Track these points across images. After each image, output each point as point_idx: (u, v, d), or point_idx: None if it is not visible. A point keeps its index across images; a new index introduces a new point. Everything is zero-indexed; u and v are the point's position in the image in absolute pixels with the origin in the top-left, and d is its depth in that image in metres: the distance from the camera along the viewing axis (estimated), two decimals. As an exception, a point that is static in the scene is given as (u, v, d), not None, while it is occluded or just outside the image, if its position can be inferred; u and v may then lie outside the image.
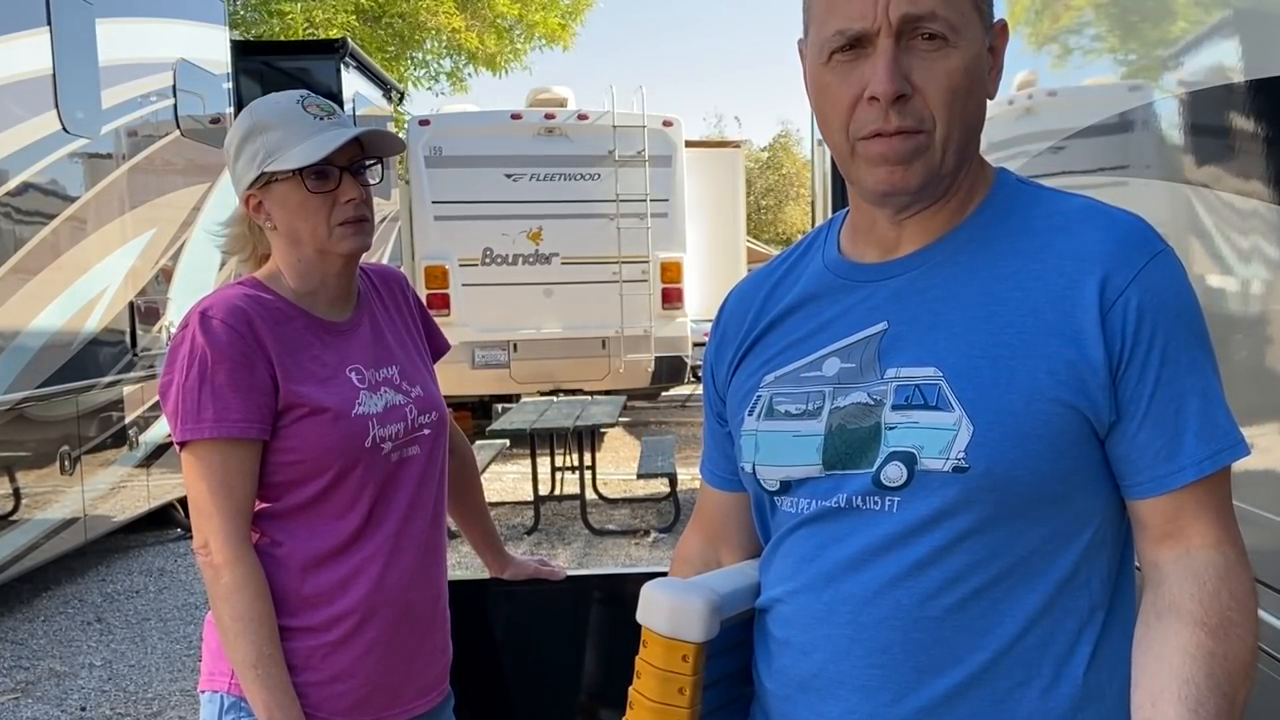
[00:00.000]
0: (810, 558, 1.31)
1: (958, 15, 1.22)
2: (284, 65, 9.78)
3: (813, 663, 1.30)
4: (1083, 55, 3.15)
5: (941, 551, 1.22)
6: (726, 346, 1.47)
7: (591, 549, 7.82)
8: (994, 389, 1.21)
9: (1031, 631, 1.23)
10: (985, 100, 1.30)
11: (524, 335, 11.57)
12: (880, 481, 1.24)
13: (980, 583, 1.22)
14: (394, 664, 1.96)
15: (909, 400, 1.24)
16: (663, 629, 1.31)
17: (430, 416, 2.03)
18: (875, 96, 1.21)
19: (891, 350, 1.28)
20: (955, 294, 1.28)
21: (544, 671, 2.47)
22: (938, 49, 1.22)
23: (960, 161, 1.28)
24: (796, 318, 1.38)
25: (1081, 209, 1.30)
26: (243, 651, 1.81)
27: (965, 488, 1.20)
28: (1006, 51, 1.34)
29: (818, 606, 1.29)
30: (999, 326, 1.24)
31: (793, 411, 1.32)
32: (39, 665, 5.61)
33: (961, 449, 1.20)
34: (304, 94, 1.96)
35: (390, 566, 1.94)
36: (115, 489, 7.09)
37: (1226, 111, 2.24)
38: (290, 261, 1.95)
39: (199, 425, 1.82)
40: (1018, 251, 1.27)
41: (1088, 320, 1.21)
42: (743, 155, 15.14)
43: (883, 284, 1.32)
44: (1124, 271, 1.22)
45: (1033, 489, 1.21)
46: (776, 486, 1.35)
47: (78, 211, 6.56)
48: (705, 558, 1.56)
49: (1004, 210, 1.32)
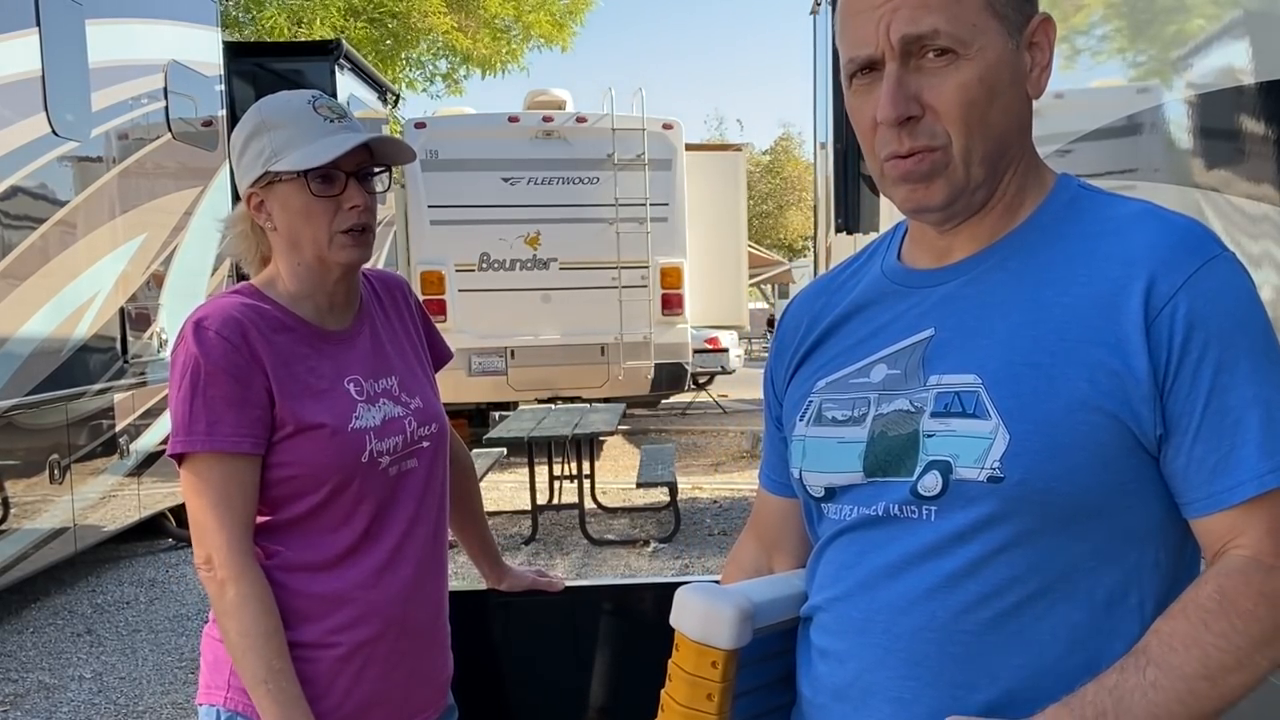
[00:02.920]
0: (850, 565, 1.31)
1: (965, 27, 1.21)
2: (277, 67, 9.76)
3: (848, 671, 1.30)
4: (1091, 57, 3.15)
5: (978, 564, 1.21)
6: (784, 352, 1.48)
7: (590, 559, 7.81)
8: (1033, 397, 1.19)
9: (1075, 653, 1.20)
10: (1018, 103, 1.28)
11: (522, 342, 11.59)
12: (918, 491, 1.23)
13: (1018, 598, 1.20)
14: (395, 678, 1.94)
15: (948, 408, 1.23)
16: (694, 634, 1.33)
17: (430, 428, 2.01)
18: (881, 121, 1.23)
19: (935, 357, 1.27)
20: (1002, 300, 1.26)
21: (542, 684, 2.46)
22: (948, 63, 1.22)
23: (991, 171, 1.27)
24: (852, 324, 1.39)
25: (1136, 213, 1.27)
26: (252, 667, 1.79)
27: (1001, 499, 1.18)
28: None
29: (855, 615, 1.29)
30: (1042, 333, 1.21)
31: (839, 418, 1.33)
32: (28, 677, 5.58)
33: (997, 459, 1.18)
34: (315, 94, 1.92)
35: (389, 580, 1.92)
36: (106, 498, 7.07)
37: (1237, 114, 2.22)
38: (289, 265, 1.93)
39: (190, 438, 1.80)
40: (1068, 257, 1.25)
41: (1131, 329, 1.18)
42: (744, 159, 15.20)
43: (933, 290, 1.32)
44: (1172, 277, 1.18)
45: (1071, 502, 1.18)
46: (821, 493, 1.35)
47: (67, 216, 6.53)
48: (757, 563, 1.57)
49: (1058, 215, 1.30)
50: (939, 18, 1.20)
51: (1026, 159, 1.31)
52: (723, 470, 11.16)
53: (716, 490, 10.04)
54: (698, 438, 13.61)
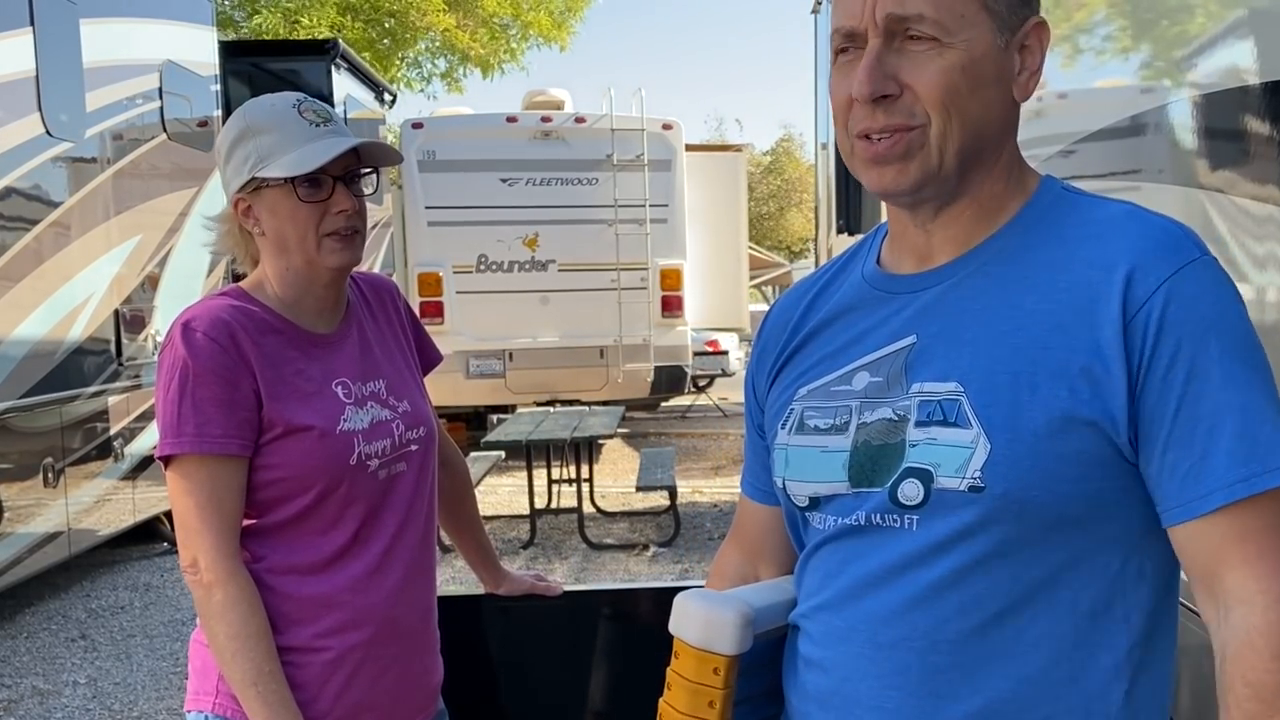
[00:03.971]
0: (834, 574, 1.31)
1: (951, 16, 1.20)
2: (273, 67, 9.78)
3: (831, 680, 1.30)
4: (1094, 56, 3.11)
5: (960, 573, 1.20)
6: (766, 358, 1.47)
7: (589, 564, 7.79)
8: (1014, 406, 1.18)
9: (1059, 665, 1.20)
10: (1002, 103, 1.26)
11: (520, 344, 11.56)
12: (897, 499, 1.23)
13: (1000, 607, 1.20)
14: (384, 683, 1.94)
15: (930, 416, 1.22)
16: (695, 640, 1.32)
17: (418, 433, 2.01)
18: (855, 97, 1.22)
19: (918, 364, 1.26)
20: (983, 307, 1.25)
21: (541, 691, 2.45)
22: (928, 49, 1.20)
23: (965, 163, 1.24)
24: (832, 330, 1.38)
25: (1117, 215, 1.25)
26: (241, 670, 1.79)
27: (982, 508, 1.18)
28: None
29: (839, 624, 1.29)
30: (1024, 341, 1.20)
31: (821, 426, 1.32)
32: (21, 683, 5.58)
33: (978, 468, 1.18)
34: (300, 97, 1.92)
35: (378, 584, 1.92)
36: (100, 502, 7.06)
37: (1242, 115, 2.18)
38: (278, 269, 1.93)
39: (179, 440, 1.80)
40: (1049, 262, 1.24)
41: (1110, 333, 1.17)
42: (744, 159, 15.21)
43: (915, 295, 1.31)
44: (1149, 280, 1.17)
45: (1053, 511, 1.18)
46: (806, 502, 1.35)
47: (61, 217, 6.51)
48: (743, 572, 1.56)
49: (1039, 219, 1.28)
50: (926, 3, 1.19)
51: (1007, 162, 1.29)
52: (723, 474, 11.12)
53: (717, 494, 10.01)
54: (698, 441, 13.58)
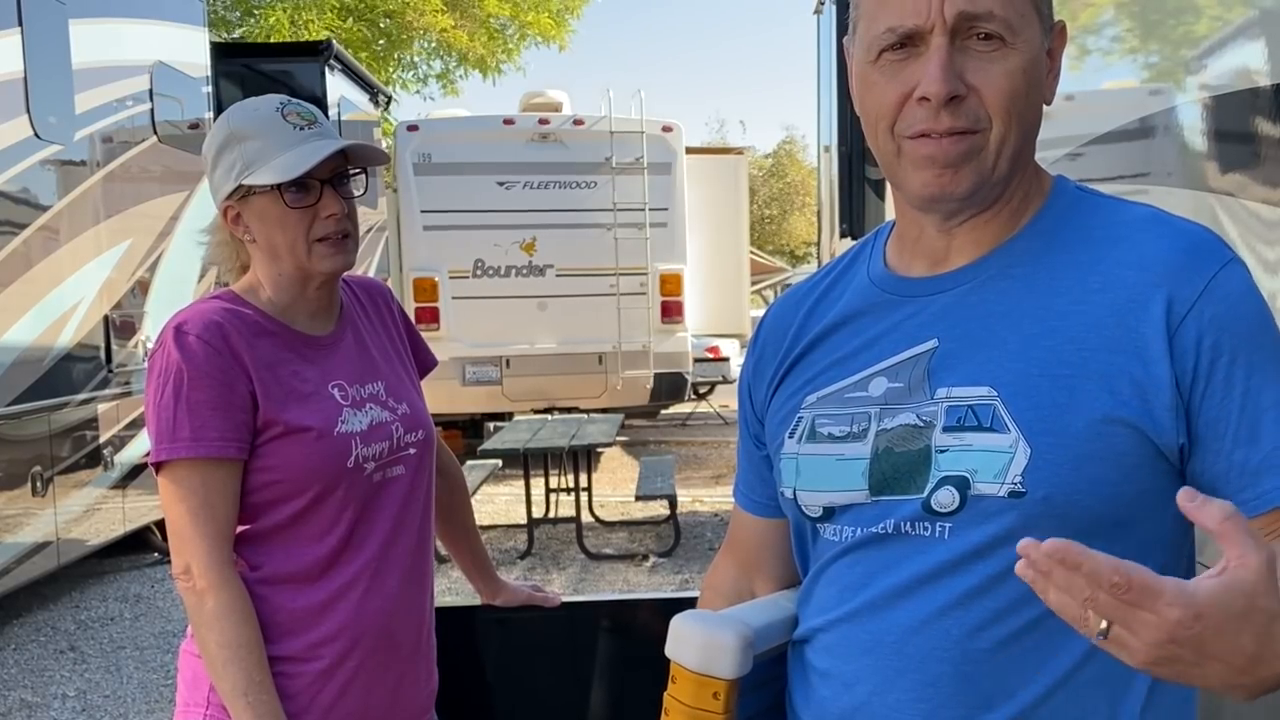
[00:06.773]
0: (856, 586, 1.29)
1: (1016, 15, 1.21)
2: (266, 68, 9.80)
3: (856, 695, 1.28)
4: (1102, 57, 3.17)
5: (995, 580, 1.20)
6: (765, 365, 1.44)
7: (588, 574, 7.77)
8: (1054, 409, 1.18)
9: (1089, 664, 1.20)
10: (1042, 106, 1.27)
11: (517, 351, 11.50)
12: (931, 507, 1.22)
13: (1035, 614, 1.18)
14: (377, 693, 1.94)
15: (961, 422, 1.22)
16: (693, 664, 1.30)
17: (416, 435, 2.01)
18: (926, 97, 1.19)
19: (942, 369, 1.26)
20: (1010, 310, 1.25)
21: (538, 703, 2.45)
22: (994, 49, 1.20)
23: (1013, 168, 1.25)
24: (840, 335, 1.36)
25: (1143, 218, 1.26)
26: (231, 680, 1.78)
27: (1022, 514, 1.18)
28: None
29: (863, 636, 1.28)
30: (1059, 343, 1.21)
31: (836, 434, 1.31)
32: (9, 696, 5.57)
33: (1018, 473, 1.18)
34: (284, 100, 1.92)
35: (372, 592, 1.92)
36: (89, 511, 7.02)
37: (1252, 116, 2.22)
38: (269, 275, 1.93)
39: (174, 445, 1.79)
40: (1076, 263, 1.24)
41: (1153, 335, 1.18)
42: (746, 162, 15.27)
43: (932, 299, 1.29)
44: (1193, 283, 1.18)
45: (1094, 514, 1.18)
46: (819, 513, 1.32)
47: (50, 221, 6.49)
48: (738, 588, 1.54)
49: (1061, 221, 1.29)
50: (995, 1, 1.19)
51: (1031, 163, 1.30)
52: (724, 483, 11.06)
53: (718, 503, 9.96)
54: (698, 449, 13.54)
